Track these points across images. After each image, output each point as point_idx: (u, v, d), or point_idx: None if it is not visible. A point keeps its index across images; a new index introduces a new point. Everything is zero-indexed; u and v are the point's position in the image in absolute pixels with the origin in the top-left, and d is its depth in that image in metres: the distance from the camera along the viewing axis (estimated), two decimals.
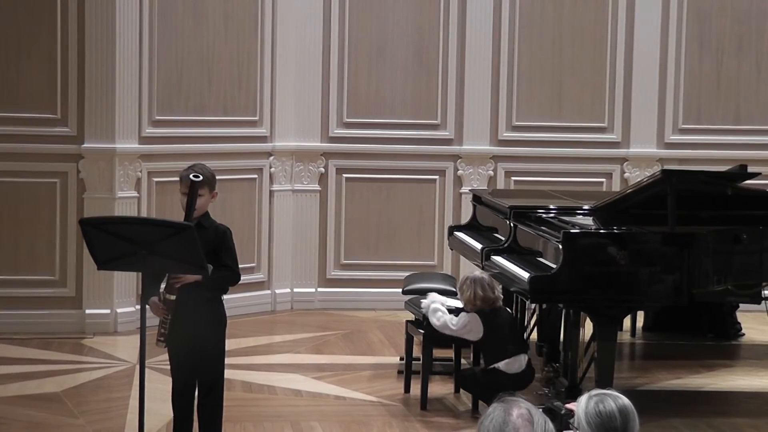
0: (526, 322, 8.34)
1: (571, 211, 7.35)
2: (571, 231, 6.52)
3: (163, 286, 5.51)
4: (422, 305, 7.13)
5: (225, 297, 5.74)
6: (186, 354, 5.60)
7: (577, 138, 10.13)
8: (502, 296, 7.00)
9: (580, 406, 3.36)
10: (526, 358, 6.84)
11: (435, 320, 6.98)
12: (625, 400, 3.36)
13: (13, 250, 8.82)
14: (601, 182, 10.19)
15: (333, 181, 9.98)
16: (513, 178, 10.10)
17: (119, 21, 8.77)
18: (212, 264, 5.38)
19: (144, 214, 8.94)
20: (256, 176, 9.71)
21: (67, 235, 8.84)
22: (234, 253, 5.64)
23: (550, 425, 3.14)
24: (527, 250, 7.18)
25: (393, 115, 10.00)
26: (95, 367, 7.91)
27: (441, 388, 7.46)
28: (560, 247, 6.37)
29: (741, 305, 8.68)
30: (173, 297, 5.43)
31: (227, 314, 5.77)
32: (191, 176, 5.43)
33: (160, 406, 5.74)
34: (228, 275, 5.59)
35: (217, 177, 5.73)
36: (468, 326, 6.86)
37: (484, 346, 6.92)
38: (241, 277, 5.77)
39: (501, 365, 6.74)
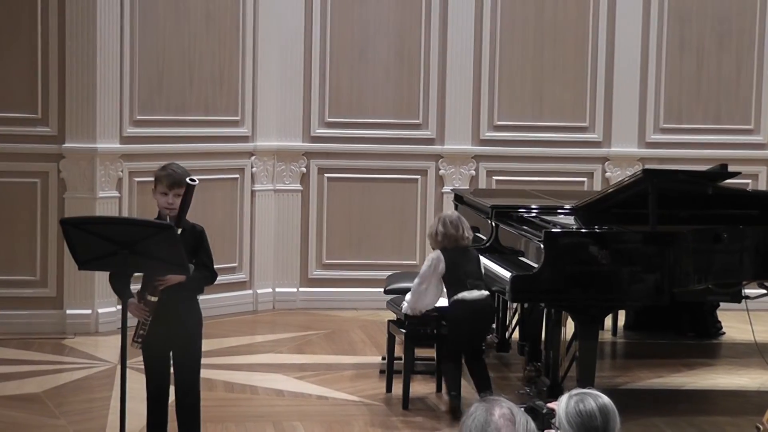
0: (507, 322, 8.36)
1: (553, 210, 7.37)
2: (553, 230, 6.54)
3: (135, 288, 5.49)
4: (403, 309, 7.14)
5: (206, 296, 5.74)
6: (166, 355, 5.59)
7: (559, 137, 10.15)
8: (469, 235, 6.94)
9: (561, 406, 3.36)
10: (487, 293, 6.86)
11: (408, 301, 7.03)
12: (605, 399, 3.37)
13: None
14: (583, 182, 10.21)
15: (315, 181, 9.97)
16: (495, 178, 10.11)
17: (100, 20, 8.74)
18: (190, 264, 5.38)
19: (125, 214, 8.92)
20: (237, 176, 9.69)
21: (48, 235, 8.81)
22: (210, 252, 5.65)
23: (532, 425, 3.15)
24: (509, 249, 7.20)
25: (375, 114, 10.00)
26: (76, 368, 7.89)
27: (423, 387, 7.46)
28: (542, 246, 6.38)
29: (722, 304, 8.71)
30: (155, 299, 5.42)
31: (209, 314, 5.77)
32: (188, 180, 5.42)
33: (142, 407, 5.73)
34: (208, 275, 5.60)
35: (199, 177, 5.71)
36: (433, 264, 6.89)
37: (446, 282, 6.93)
38: (223, 277, 5.78)
39: (462, 294, 6.79)
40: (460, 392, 6.92)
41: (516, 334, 8.20)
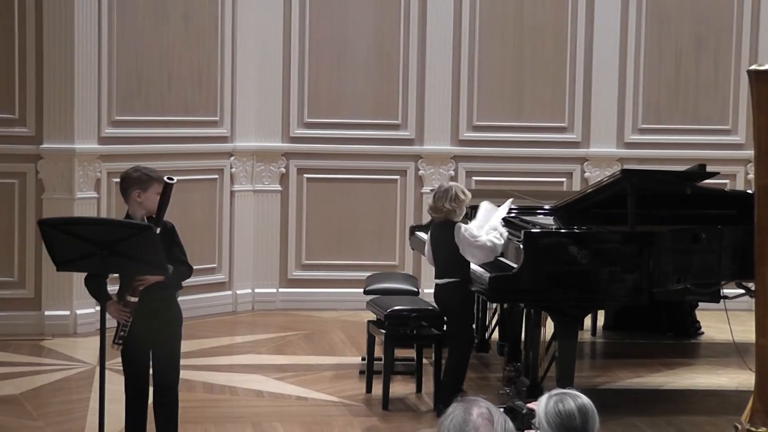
0: (487, 322, 8.36)
1: (532, 210, 7.38)
2: (532, 231, 6.55)
3: (111, 289, 5.47)
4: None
5: (186, 297, 5.72)
6: (145, 354, 5.57)
7: (538, 138, 10.16)
8: (446, 207, 6.77)
9: (540, 406, 3.36)
10: (447, 280, 6.85)
11: None
12: (584, 399, 3.37)
13: None
14: (562, 182, 10.22)
15: (294, 182, 9.96)
16: (474, 178, 10.12)
17: (78, 20, 8.71)
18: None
19: (104, 214, 8.88)
20: (216, 176, 9.67)
21: (26, 236, 8.77)
22: (183, 246, 5.64)
23: (510, 424, 3.15)
24: None
25: (354, 115, 9.99)
26: (55, 369, 7.86)
27: (403, 387, 7.46)
28: (521, 246, 6.39)
29: (700, 304, 8.74)
30: (136, 299, 5.40)
31: (188, 314, 5.75)
32: (166, 179, 5.40)
33: (120, 408, 5.71)
34: (185, 270, 5.61)
35: (178, 177, 5.70)
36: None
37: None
38: (203, 278, 5.77)
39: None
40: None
41: (495, 335, 8.21)
